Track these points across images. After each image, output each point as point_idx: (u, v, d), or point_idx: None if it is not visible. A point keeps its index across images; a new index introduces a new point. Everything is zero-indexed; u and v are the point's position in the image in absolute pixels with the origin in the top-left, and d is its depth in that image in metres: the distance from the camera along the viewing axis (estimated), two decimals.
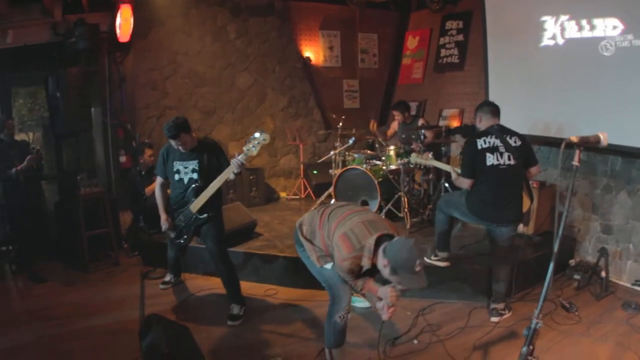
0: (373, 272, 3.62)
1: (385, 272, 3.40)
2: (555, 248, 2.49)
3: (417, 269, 3.22)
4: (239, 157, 4.84)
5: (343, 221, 3.71)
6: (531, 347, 2.56)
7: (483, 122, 5.13)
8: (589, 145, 2.49)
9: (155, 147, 7.11)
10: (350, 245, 3.50)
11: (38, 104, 7.85)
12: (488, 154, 4.92)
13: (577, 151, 2.45)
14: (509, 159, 4.90)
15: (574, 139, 2.46)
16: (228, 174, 4.93)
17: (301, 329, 5.00)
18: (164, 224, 5.34)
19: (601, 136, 2.51)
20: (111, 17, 7.42)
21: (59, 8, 7.07)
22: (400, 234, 3.61)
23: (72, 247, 6.75)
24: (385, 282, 3.61)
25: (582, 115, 6.07)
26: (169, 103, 8.49)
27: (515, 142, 4.96)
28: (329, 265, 3.84)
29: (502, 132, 5.00)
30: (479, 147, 4.96)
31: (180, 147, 5.03)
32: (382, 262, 3.39)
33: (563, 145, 2.38)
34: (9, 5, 6.78)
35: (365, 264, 3.47)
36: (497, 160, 4.90)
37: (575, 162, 2.44)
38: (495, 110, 5.10)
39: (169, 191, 5.47)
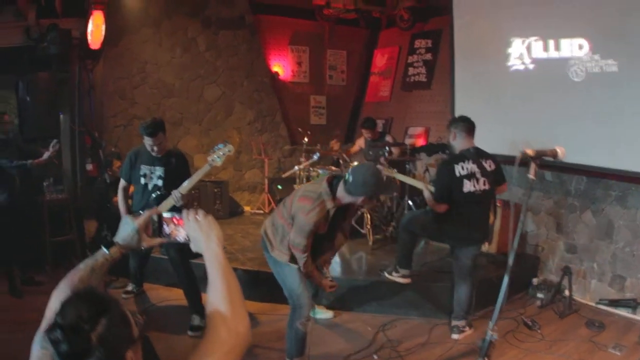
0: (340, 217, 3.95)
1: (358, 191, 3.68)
2: (511, 261, 2.48)
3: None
4: (181, 188, 4.80)
5: (295, 192, 4.06)
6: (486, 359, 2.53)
7: (458, 140, 4.91)
8: (546, 157, 2.49)
9: (123, 157, 6.87)
10: (310, 199, 3.74)
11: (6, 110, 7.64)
12: (465, 181, 4.76)
13: (533, 164, 2.45)
14: (484, 184, 4.79)
15: (530, 152, 2.45)
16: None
17: (262, 341, 4.91)
18: None
19: (558, 150, 2.51)
20: (84, 23, 7.26)
21: (32, 12, 6.87)
22: None
23: (36, 252, 6.59)
24: None
25: (548, 136, 5.95)
26: (136, 112, 8.38)
27: (490, 166, 4.85)
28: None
29: (479, 155, 4.86)
30: (457, 174, 4.75)
31: (155, 148, 4.96)
32: (343, 191, 3.70)
33: (518, 159, 2.38)
34: None
35: (330, 205, 3.71)
36: (474, 187, 4.76)
37: (531, 176, 2.44)
38: (471, 128, 4.88)
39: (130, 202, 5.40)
